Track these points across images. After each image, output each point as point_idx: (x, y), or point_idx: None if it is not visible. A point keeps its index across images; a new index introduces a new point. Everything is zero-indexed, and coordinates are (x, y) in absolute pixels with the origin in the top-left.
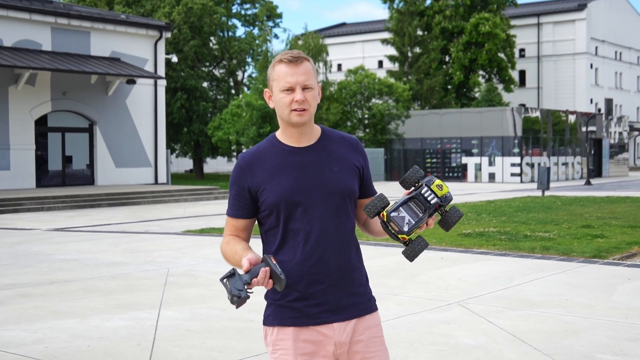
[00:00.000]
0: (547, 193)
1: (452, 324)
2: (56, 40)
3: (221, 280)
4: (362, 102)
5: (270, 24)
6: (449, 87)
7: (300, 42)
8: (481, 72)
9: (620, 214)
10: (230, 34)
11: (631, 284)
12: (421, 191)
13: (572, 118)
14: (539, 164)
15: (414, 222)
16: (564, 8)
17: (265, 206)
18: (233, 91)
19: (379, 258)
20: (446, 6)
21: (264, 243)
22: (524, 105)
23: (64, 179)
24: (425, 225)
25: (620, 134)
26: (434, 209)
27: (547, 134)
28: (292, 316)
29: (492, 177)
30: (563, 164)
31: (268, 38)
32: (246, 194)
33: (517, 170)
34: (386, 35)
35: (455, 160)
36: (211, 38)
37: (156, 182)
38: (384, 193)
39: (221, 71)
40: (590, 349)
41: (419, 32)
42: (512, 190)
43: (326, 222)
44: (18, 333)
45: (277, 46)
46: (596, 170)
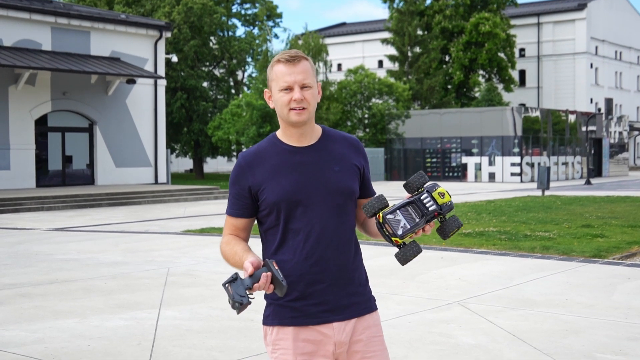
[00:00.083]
0: (547, 193)
1: (452, 323)
2: (56, 40)
3: (223, 285)
4: (362, 102)
5: (270, 23)
6: (449, 86)
7: (300, 42)
8: (481, 72)
9: (620, 214)
10: (230, 33)
11: (631, 283)
12: (420, 197)
13: (572, 118)
14: (539, 164)
15: (409, 226)
16: (564, 8)
17: (266, 205)
18: (233, 91)
19: (379, 258)
20: (446, 6)
21: (263, 242)
22: (524, 105)
23: (64, 178)
24: (422, 231)
25: (620, 133)
26: (432, 215)
27: (547, 133)
28: (291, 316)
29: (492, 176)
30: (563, 163)
31: (268, 38)
32: (246, 193)
33: (517, 169)
34: (386, 35)
35: (455, 160)
36: (211, 38)
37: (156, 182)
38: (383, 193)
39: (221, 71)
40: (590, 348)
41: (419, 32)
42: (512, 190)
43: (326, 222)
44: (18, 333)
45: (277, 46)
46: (596, 170)
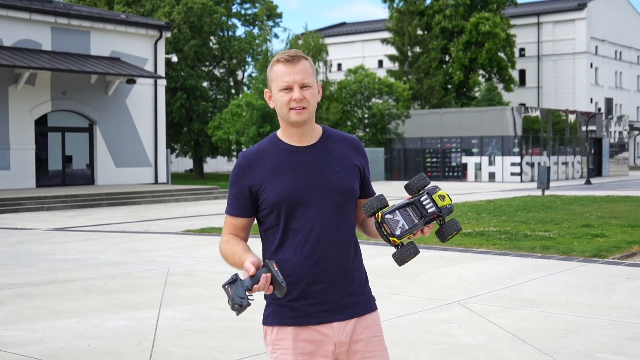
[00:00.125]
0: (547, 192)
1: (452, 323)
2: (56, 40)
3: (223, 286)
4: (362, 102)
5: (270, 23)
6: (449, 86)
7: (300, 42)
8: (481, 72)
9: (620, 213)
10: (230, 33)
11: (631, 283)
12: (420, 198)
13: (572, 117)
14: (539, 164)
15: (407, 227)
16: (563, 7)
17: (266, 205)
18: (233, 91)
19: (379, 258)
20: (446, 5)
21: (263, 242)
22: (524, 105)
23: (64, 178)
24: (421, 233)
25: (620, 133)
26: (431, 217)
27: (547, 133)
28: (291, 316)
29: (492, 176)
30: (563, 163)
31: (268, 38)
32: (246, 192)
33: (517, 169)
34: (386, 34)
35: (455, 159)
36: (211, 38)
37: (156, 182)
38: (383, 193)
39: (221, 71)
40: (590, 348)
41: (419, 32)
42: (512, 190)
43: (327, 222)
44: (18, 333)
45: (277, 46)
46: (596, 170)
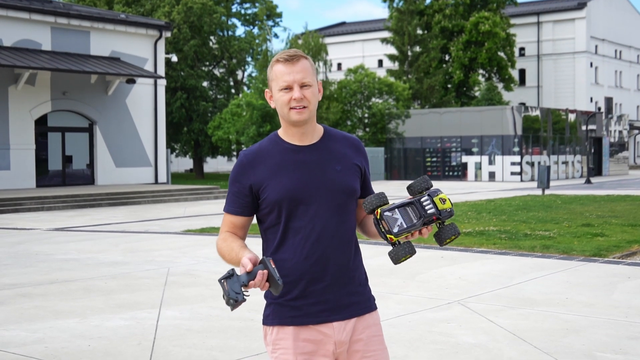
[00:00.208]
0: (547, 192)
1: (452, 322)
2: (56, 40)
3: (219, 281)
4: (362, 101)
5: (270, 23)
6: (449, 86)
7: (300, 42)
8: (481, 71)
9: (620, 213)
10: (230, 33)
11: (631, 282)
12: (421, 199)
13: (572, 117)
14: (539, 163)
15: (405, 226)
16: (563, 7)
17: (267, 204)
18: (233, 90)
19: (378, 257)
20: (446, 5)
21: (263, 241)
22: (524, 104)
23: (64, 178)
24: (419, 234)
25: (620, 132)
26: (430, 219)
27: (547, 132)
28: (291, 315)
29: (492, 176)
30: (563, 162)
31: (268, 37)
32: (247, 191)
33: (517, 169)
34: (386, 34)
35: (455, 159)
36: (211, 37)
37: (156, 182)
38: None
39: (221, 70)
40: (590, 347)
41: (419, 31)
42: (512, 189)
43: (327, 221)
44: (18, 333)
45: (277, 45)
46: (596, 169)
